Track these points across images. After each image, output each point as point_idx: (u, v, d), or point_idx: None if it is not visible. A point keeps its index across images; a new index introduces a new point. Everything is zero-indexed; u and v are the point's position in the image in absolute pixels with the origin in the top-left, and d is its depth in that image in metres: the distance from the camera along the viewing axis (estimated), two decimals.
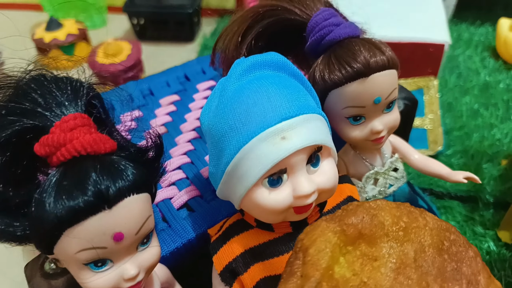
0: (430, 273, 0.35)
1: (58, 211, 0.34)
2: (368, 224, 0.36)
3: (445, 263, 0.35)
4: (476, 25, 1.30)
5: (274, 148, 0.40)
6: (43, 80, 0.39)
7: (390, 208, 0.38)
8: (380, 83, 0.50)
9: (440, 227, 0.37)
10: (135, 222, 0.37)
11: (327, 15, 0.51)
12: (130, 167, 0.37)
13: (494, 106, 1.02)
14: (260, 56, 0.46)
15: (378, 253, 0.35)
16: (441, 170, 0.60)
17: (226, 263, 0.47)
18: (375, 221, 0.36)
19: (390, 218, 0.37)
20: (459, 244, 0.36)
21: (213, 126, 0.44)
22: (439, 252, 0.36)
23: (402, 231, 0.36)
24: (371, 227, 0.36)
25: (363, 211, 0.37)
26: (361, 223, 0.36)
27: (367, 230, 0.36)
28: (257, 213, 0.44)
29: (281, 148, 0.40)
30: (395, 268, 0.34)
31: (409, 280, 0.34)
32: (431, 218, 0.38)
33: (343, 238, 0.35)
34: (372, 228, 0.36)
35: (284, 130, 0.40)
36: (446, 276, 0.35)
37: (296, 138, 0.41)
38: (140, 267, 0.39)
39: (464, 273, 0.35)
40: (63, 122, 0.37)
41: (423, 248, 0.36)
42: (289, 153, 0.40)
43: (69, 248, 0.36)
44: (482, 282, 0.35)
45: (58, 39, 1.17)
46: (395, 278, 0.34)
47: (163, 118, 0.72)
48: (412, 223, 0.37)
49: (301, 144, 0.40)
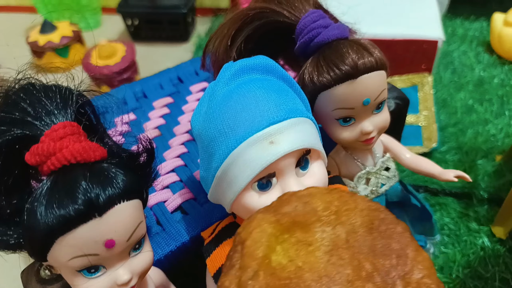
0: (361, 251, 0.36)
1: (49, 220, 0.34)
2: (301, 211, 0.37)
3: (375, 241, 0.36)
4: (470, 20, 1.31)
5: (262, 153, 0.40)
6: (32, 89, 0.39)
7: (322, 194, 0.39)
8: (369, 84, 0.50)
9: (370, 207, 0.38)
10: (126, 229, 0.38)
11: (316, 17, 0.51)
12: (121, 174, 0.38)
13: (488, 101, 1.03)
14: (249, 60, 0.46)
15: (312, 238, 0.36)
16: (432, 169, 0.61)
17: (219, 266, 0.47)
18: (307, 208, 0.38)
19: (322, 204, 0.38)
20: (388, 222, 0.38)
21: (203, 130, 0.45)
22: (370, 231, 0.37)
23: (333, 215, 0.37)
24: (304, 214, 0.37)
25: (295, 200, 0.38)
26: (295, 211, 0.37)
27: (301, 217, 0.37)
28: (247, 216, 0.44)
29: (270, 152, 0.40)
30: (328, 250, 0.35)
31: (342, 260, 0.35)
32: (361, 200, 0.39)
33: (279, 227, 0.36)
34: (305, 215, 0.37)
35: (272, 135, 0.41)
36: (377, 253, 0.36)
37: (284, 142, 0.41)
38: (133, 272, 0.40)
39: (393, 248, 0.36)
40: (52, 131, 0.37)
41: (354, 229, 0.37)
42: (277, 157, 0.40)
43: (62, 255, 0.36)
44: (410, 255, 0.36)
45: (52, 42, 1.17)
46: (328, 260, 0.35)
47: (157, 120, 0.72)
48: (343, 206, 0.38)
49: (289, 148, 0.41)
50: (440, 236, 0.72)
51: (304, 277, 0.34)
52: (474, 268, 0.70)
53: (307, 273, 0.34)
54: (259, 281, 0.34)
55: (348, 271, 0.34)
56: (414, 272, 0.35)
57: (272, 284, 0.33)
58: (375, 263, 0.35)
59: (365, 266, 0.35)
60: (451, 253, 0.72)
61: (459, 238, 0.75)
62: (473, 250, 0.73)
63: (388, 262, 0.35)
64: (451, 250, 0.73)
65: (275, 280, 0.34)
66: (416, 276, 0.35)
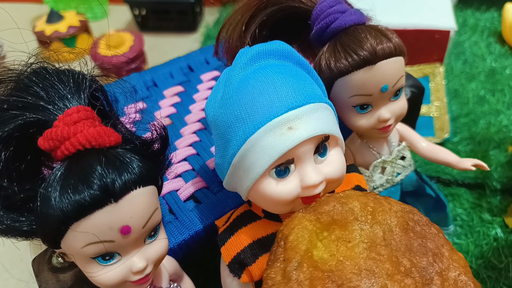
0: (399, 249, 0.38)
1: (64, 206, 0.33)
2: (339, 211, 0.39)
3: (411, 240, 0.39)
4: (481, 11, 1.29)
5: (281, 139, 0.40)
6: (45, 73, 0.38)
7: (358, 195, 0.41)
8: (387, 70, 0.49)
9: (404, 209, 0.41)
10: (142, 215, 0.37)
11: (332, 2, 0.50)
12: (136, 160, 0.37)
13: (500, 92, 1.01)
14: (265, 45, 0.45)
15: (351, 236, 0.38)
16: (449, 158, 0.60)
17: (234, 254, 0.46)
18: (345, 208, 0.39)
19: (359, 204, 0.40)
20: (422, 223, 0.40)
21: (218, 117, 0.44)
22: (405, 231, 0.39)
23: (370, 215, 0.39)
24: (343, 213, 0.39)
25: (334, 200, 0.40)
26: (333, 210, 0.39)
27: (339, 216, 0.39)
28: (264, 204, 0.44)
29: (288, 138, 0.40)
30: (367, 247, 0.37)
31: (381, 256, 0.37)
32: (395, 203, 0.41)
33: (319, 225, 0.38)
34: (344, 214, 0.39)
35: (290, 120, 0.40)
36: (413, 251, 0.38)
37: (303, 128, 0.40)
38: (148, 260, 0.39)
39: (429, 247, 0.38)
40: (66, 115, 0.36)
41: (390, 228, 0.39)
42: (296, 144, 0.40)
43: (76, 242, 0.35)
44: (446, 254, 0.38)
45: (59, 32, 1.16)
46: (367, 256, 0.37)
47: (168, 109, 0.71)
48: (378, 208, 0.40)
49: (308, 134, 0.40)
50: (453, 227, 0.72)
51: (345, 270, 0.36)
52: (488, 258, 0.69)
53: (348, 267, 0.36)
54: (303, 271, 0.35)
55: (388, 266, 0.36)
56: (450, 269, 0.37)
57: (315, 276, 0.35)
58: (413, 260, 0.37)
59: (403, 262, 0.37)
60: (464, 244, 0.71)
61: (472, 229, 0.74)
62: (486, 241, 0.72)
63: (425, 260, 0.37)
64: (464, 241, 0.72)
65: (318, 272, 0.35)
66: (453, 273, 0.37)
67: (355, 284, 0.34)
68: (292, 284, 0.35)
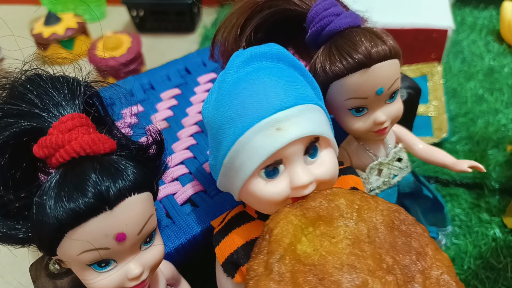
0: (382, 247, 0.38)
1: (59, 214, 0.33)
2: (325, 207, 0.40)
3: (396, 238, 0.39)
4: (479, 9, 1.29)
5: (269, 139, 0.40)
6: (39, 80, 0.38)
7: (345, 193, 0.41)
8: (382, 73, 0.49)
9: (390, 208, 0.41)
10: (137, 222, 0.37)
11: (327, 5, 0.50)
12: (131, 167, 0.37)
13: (499, 91, 1.01)
14: (259, 48, 0.46)
15: (335, 232, 0.39)
16: (445, 160, 0.60)
17: (228, 255, 0.47)
18: (331, 204, 0.40)
19: (345, 202, 0.40)
20: (407, 222, 0.40)
21: (211, 118, 0.44)
22: (390, 230, 0.39)
23: (356, 212, 0.40)
24: (329, 209, 0.40)
25: (320, 197, 0.41)
26: (319, 206, 0.40)
27: (325, 212, 0.40)
28: (255, 205, 0.44)
29: (277, 139, 0.40)
30: (351, 243, 0.38)
31: (363, 253, 0.37)
32: (381, 201, 0.41)
33: (304, 220, 0.39)
34: (330, 211, 0.40)
35: (279, 121, 0.40)
36: (397, 249, 0.38)
37: (291, 129, 0.40)
38: (144, 266, 0.39)
39: (413, 246, 0.39)
40: (60, 122, 0.36)
41: (375, 226, 0.39)
42: (284, 144, 0.40)
43: (72, 250, 0.35)
44: (430, 253, 0.38)
45: (57, 34, 1.16)
46: (350, 251, 0.37)
47: (165, 112, 0.71)
48: (365, 205, 0.40)
49: (296, 135, 0.40)
50: (452, 227, 0.72)
51: (327, 264, 0.36)
52: (486, 259, 0.69)
53: (330, 261, 0.36)
54: (285, 264, 0.36)
55: (370, 262, 0.37)
56: (433, 268, 0.38)
57: (297, 269, 0.36)
58: (396, 258, 0.38)
59: (386, 260, 0.37)
60: (462, 244, 0.71)
61: (471, 229, 0.74)
62: (485, 241, 0.72)
63: (408, 258, 0.38)
64: (463, 241, 0.72)
65: (300, 265, 0.36)
66: (435, 272, 0.38)
67: (336, 278, 0.35)
68: (273, 276, 0.35)
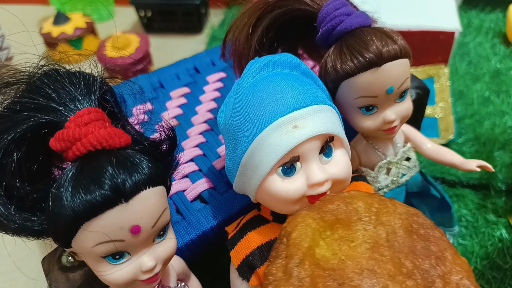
0: (401, 251, 0.38)
1: (76, 205, 0.34)
2: (343, 210, 0.39)
3: (414, 242, 0.39)
4: (486, 12, 1.29)
5: (286, 137, 0.41)
6: (56, 75, 0.39)
7: (363, 196, 0.41)
8: (393, 72, 0.49)
9: (408, 212, 0.41)
10: (151, 215, 0.38)
11: (338, 5, 0.51)
12: (145, 161, 0.38)
13: (505, 93, 1.01)
14: (274, 56, 0.47)
15: (354, 235, 0.38)
16: (454, 159, 0.60)
17: (243, 257, 0.47)
18: (350, 207, 0.40)
19: (363, 205, 0.40)
20: (426, 226, 0.40)
21: (229, 121, 0.46)
22: (409, 234, 0.39)
23: (374, 215, 0.40)
24: (347, 213, 0.39)
25: (338, 200, 0.40)
26: (337, 209, 0.39)
27: (343, 216, 0.39)
28: (272, 204, 0.45)
29: (293, 136, 0.41)
30: (370, 247, 0.37)
31: (383, 257, 0.37)
32: (399, 205, 0.41)
33: (322, 224, 0.39)
34: (348, 214, 0.39)
35: (296, 119, 0.42)
36: (416, 253, 0.38)
37: (308, 126, 0.42)
38: (157, 259, 0.40)
39: (432, 250, 0.38)
40: (77, 116, 0.37)
41: (394, 230, 0.39)
42: (300, 141, 0.41)
43: (87, 241, 0.36)
44: (449, 258, 0.38)
45: (66, 33, 1.17)
46: (370, 256, 0.37)
47: (174, 111, 0.72)
48: (383, 209, 0.40)
49: (312, 132, 0.41)
50: (458, 228, 0.72)
51: (347, 269, 0.36)
52: (493, 259, 0.69)
53: (350, 266, 0.36)
54: (304, 268, 0.36)
55: (390, 267, 0.36)
56: (453, 273, 0.37)
57: (316, 273, 0.35)
58: (415, 262, 0.37)
59: (406, 264, 0.37)
60: (469, 244, 0.71)
61: (477, 229, 0.74)
62: (491, 242, 0.72)
63: (428, 262, 0.37)
64: (469, 242, 0.72)
65: (320, 270, 0.35)
66: (455, 277, 0.37)
67: (356, 283, 0.35)
68: (293, 281, 0.35)
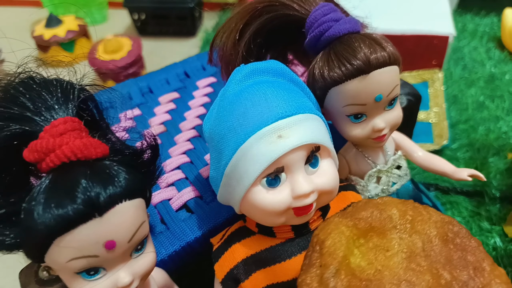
0: (438, 261, 0.37)
1: (47, 220, 0.33)
2: (377, 218, 0.39)
3: (451, 252, 0.38)
4: (481, 16, 1.28)
5: (270, 147, 0.40)
6: (32, 83, 0.38)
7: (396, 203, 0.40)
8: (381, 80, 0.48)
9: (443, 220, 0.40)
10: (127, 229, 0.36)
11: (327, 10, 0.50)
12: (123, 172, 0.36)
13: (500, 98, 1.00)
14: (260, 63, 0.46)
15: (389, 244, 0.37)
16: (445, 168, 0.59)
17: (228, 270, 0.46)
18: (384, 215, 0.39)
19: (398, 212, 0.39)
20: (462, 235, 0.39)
21: (213, 129, 0.44)
22: (445, 243, 0.38)
23: (409, 223, 0.39)
24: (381, 220, 0.39)
25: (372, 206, 0.40)
26: (371, 217, 0.39)
27: (377, 223, 0.39)
28: (256, 216, 0.44)
29: (278, 146, 0.40)
30: (406, 257, 0.37)
31: (420, 267, 0.36)
32: (434, 212, 0.40)
33: (356, 231, 0.38)
34: (382, 222, 0.39)
35: (280, 129, 0.40)
36: (454, 263, 0.37)
37: (293, 136, 0.40)
38: (134, 275, 0.38)
39: (469, 260, 0.37)
40: (52, 126, 0.36)
41: (429, 238, 0.38)
42: (285, 151, 0.40)
43: (60, 257, 0.35)
44: (487, 269, 0.37)
45: (58, 36, 1.16)
46: (407, 266, 0.36)
47: (162, 116, 0.71)
48: (417, 217, 0.39)
49: (297, 142, 0.40)
50: None
51: (384, 280, 0.35)
52: None
53: (387, 277, 0.35)
54: (341, 279, 0.35)
55: (428, 278, 0.35)
56: (492, 285, 0.36)
57: (353, 284, 0.34)
58: (453, 273, 0.36)
59: (444, 275, 0.36)
60: None
61: None
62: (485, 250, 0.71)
63: (466, 273, 0.36)
64: None
65: (356, 280, 0.35)
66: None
67: None
68: None
